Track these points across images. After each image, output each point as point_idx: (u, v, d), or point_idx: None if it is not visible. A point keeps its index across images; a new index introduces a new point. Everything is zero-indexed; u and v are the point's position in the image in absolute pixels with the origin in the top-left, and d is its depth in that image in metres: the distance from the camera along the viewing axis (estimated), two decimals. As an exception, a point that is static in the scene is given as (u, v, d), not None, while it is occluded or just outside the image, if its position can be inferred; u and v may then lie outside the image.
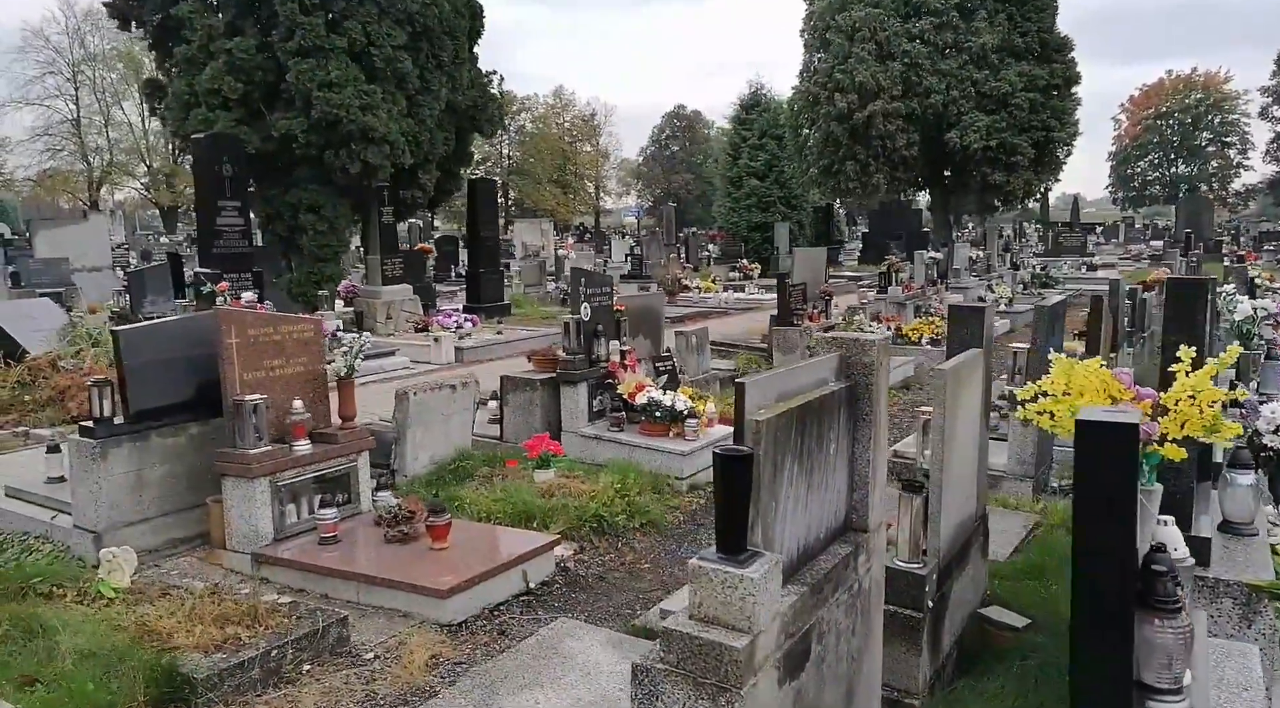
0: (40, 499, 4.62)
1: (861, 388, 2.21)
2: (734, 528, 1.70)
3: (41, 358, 8.02)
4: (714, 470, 1.72)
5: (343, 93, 11.75)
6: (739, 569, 1.66)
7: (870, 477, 2.25)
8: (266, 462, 4.29)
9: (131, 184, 46.47)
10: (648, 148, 59.29)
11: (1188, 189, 54.30)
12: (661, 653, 1.72)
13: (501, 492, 5.06)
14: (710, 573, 1.70)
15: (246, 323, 4.51)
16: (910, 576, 2.65)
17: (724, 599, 1.67)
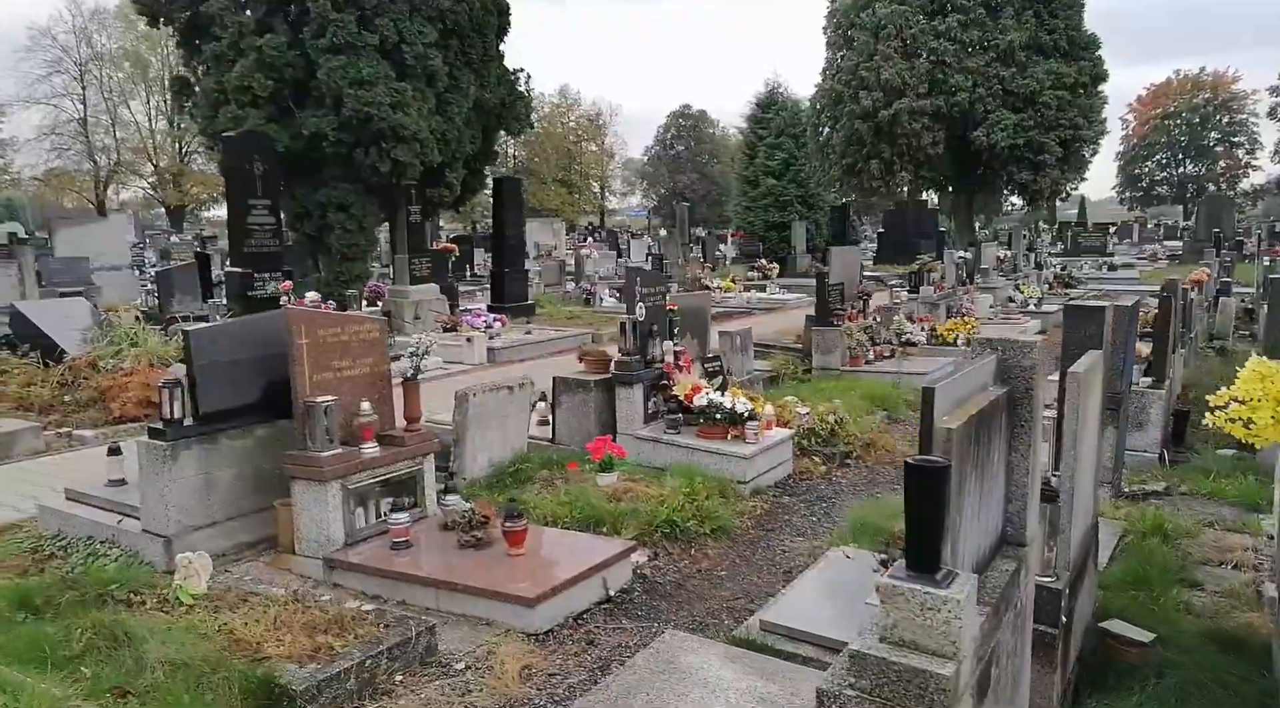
0: (103, 503, 4.57)
1: (1020, 393, 2.11)
2: (929, 544, 1.61)
3: (80, 358, 7.99)
4: (906, 482, 1.63)
5: (374, 90, 11.70)
6: (941, 590, 1.57)
7: (1029, 487, 2.16)
8: (338, 465, 4.23)
9: (138, 183, 46.65)
10: (653, 147, 59.27)
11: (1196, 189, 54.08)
12: (851, 678, 1.63)
13: (566, 495, 4.98)
14: (907, 594, 1.61)
15: (316, 323, 4.45)
16: (1047, 590, 2.55)
17: (924, 622, 1.58)
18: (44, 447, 6.62)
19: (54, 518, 4.61)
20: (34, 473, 5.93)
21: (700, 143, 58.92)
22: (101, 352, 7.96)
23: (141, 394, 7.37)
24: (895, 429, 7.42)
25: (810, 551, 4.60)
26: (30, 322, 8.88)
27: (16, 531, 4.76)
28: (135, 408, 7.31)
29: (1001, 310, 16.20)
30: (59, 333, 8.69)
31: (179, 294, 13.10)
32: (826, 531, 4.94)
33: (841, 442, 6.64)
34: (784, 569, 4.34)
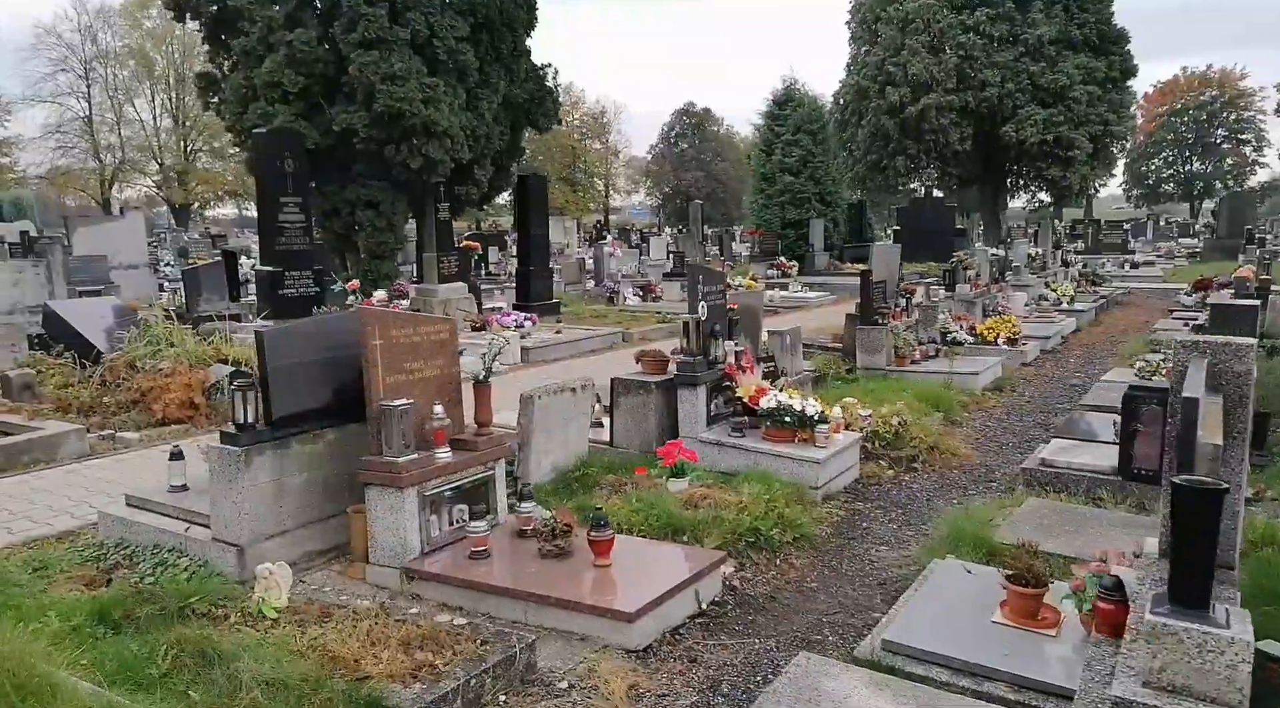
0: (168, 509, 4.43)
1: (1233, 400, 1.94)
2: (1199, 577, 1.44)
3: (118, 359, 7.87)
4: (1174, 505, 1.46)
5: (406, 86, 11.57)
6: (1224, 630, 1.41)
7: (1239, 503, 1.99)
8: (415, 471, 4.09)
9: (143, 182, 46.77)
10: (657, 145, 59.22)
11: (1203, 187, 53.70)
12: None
13: (639, 502, 4.83)
14: (1181, 634, 1.45)
15: (389, 324, 4.30)
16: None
17: (1201, 666, 1.42)
18: (88, 449, 6.50)
19: (116, 525, 4.48)
20: (82, 477, 5.81)
21: (704, 141, 58.85)
22: (139, 352, 7.84)
23: (183, 396, 7.25)
24: (955, 432, 7.24)
25: (900, 561, 4.44)
26: (64, 321, 8.78)
27: (75, 538, 4.64)
28: (178, 410, 7.20)
29: (1036, 309, 16.01)
30: (93, 333, 8.59)
31: (206, 293, 13.00)
32: (913, 540, 4.77)
33: (908, 445, 6.47)
34: (877, 581, 4.18)
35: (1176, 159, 54.96)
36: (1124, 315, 16.38)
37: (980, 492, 5.72)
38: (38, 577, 3.96)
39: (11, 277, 10.57)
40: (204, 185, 44.66)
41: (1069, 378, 10.27)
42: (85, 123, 42.77)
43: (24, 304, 10.65)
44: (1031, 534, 4.34)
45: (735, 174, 61.65)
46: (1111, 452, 5.65)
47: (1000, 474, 6.13)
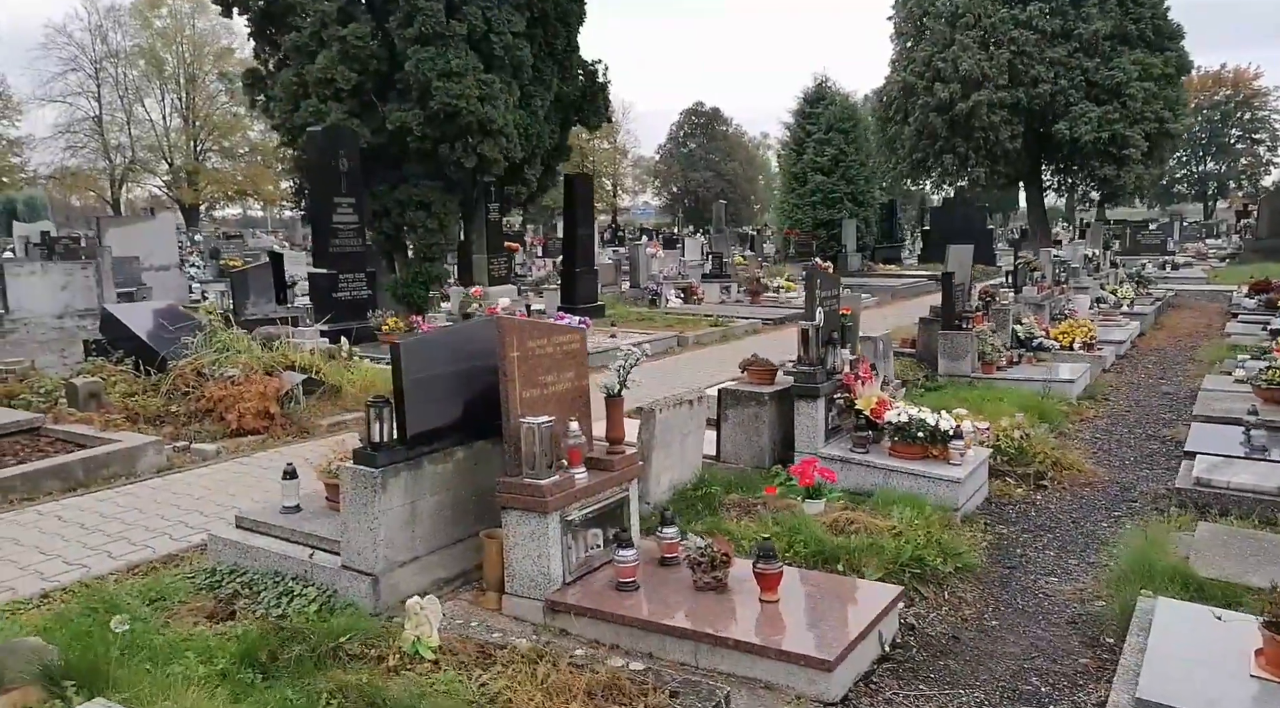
0: (286, 533, 4.17)
1: None
2: None
3: (186, 366, 7.65)
4: None
5: (462, 82, 11.32)
6: None
7: None
8: (560, 493, 3.81)
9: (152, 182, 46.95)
10: (665, 145, 59.09)
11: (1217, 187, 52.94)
12: None
13: (777, 525, 4.53)
14: None
15: (526, 334, 4.04)
16: None
17: None
18: (166, 462, 6.27)
19: (228, 549, 4.22)
20: (170, 493, 5.57)
21: (713, 141, 58.70)
22: (207, 359, 7.61)
23: (258, 405, 7.02)
24: (1067, 444, 6.90)
25: (1077, 595, 4.12)
26: (124, 325, 8.57)
27: (180, 563, 4.40)
28: (254, 420, 6.96)
29: (1100, 312, 15.61)
30: (154, 338, 8.38)
31: (254, 296, 12.83)
32: (1079, 569, 4.45)
33: (1033, 461, 6.14)
34: (1064, 619, 3.86)
35: (1190, 159, 54.36)
36: (1181, 318, 16.04)
37: (1124, 512, 5.39)
38: (156, 609, 3.71)
39: (60, 280, 10.40)
40: (213, 186, 44.74)
41: (1158, 385, 9.91)
42: (95, 122, 42.95)
43: (74, 308, 10.49)
44: (1228, 565, 4.02)
45: (744, 174, 61.51)
46: (1270, 471, 5.32)
47: (1138, 493, 5.79)
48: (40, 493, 5.50)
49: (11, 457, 6.13)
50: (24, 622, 3.62)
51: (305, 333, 10.17)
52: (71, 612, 3.58)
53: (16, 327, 9.98)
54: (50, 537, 4.70)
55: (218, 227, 44.81)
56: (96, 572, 4.23)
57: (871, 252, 30.72)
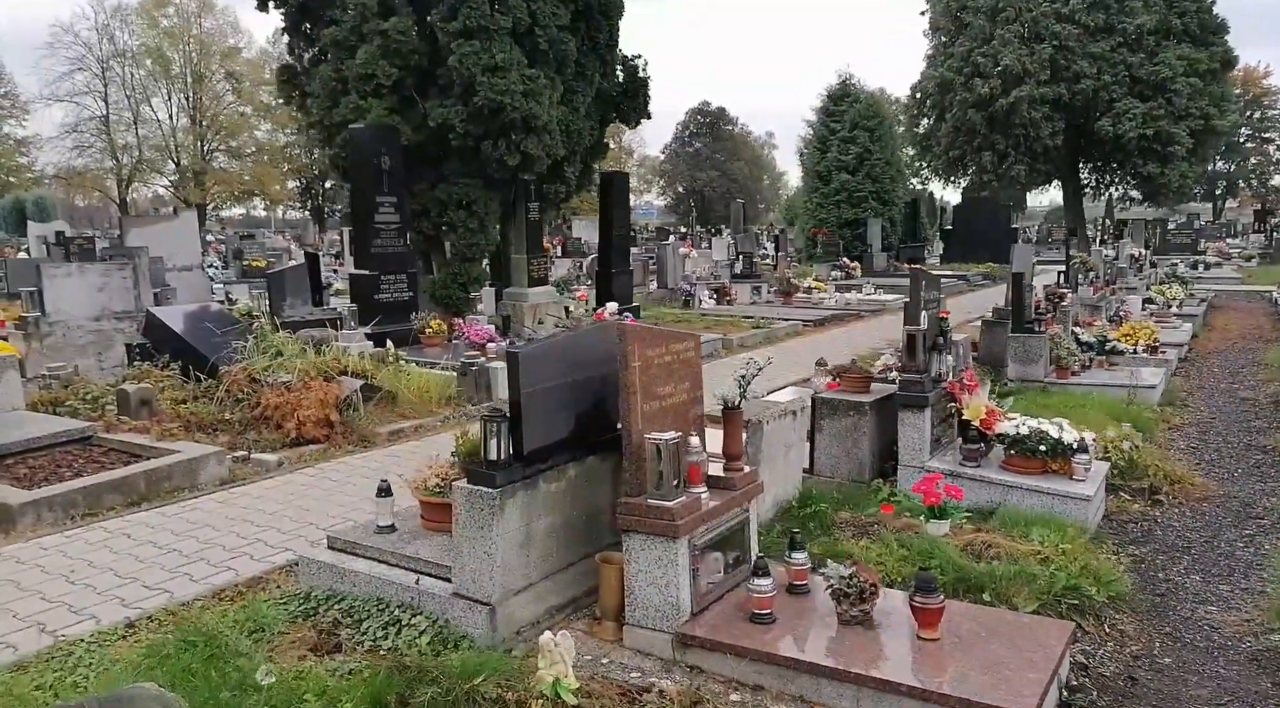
0: (384, 555, 3.90)
1: None
2: None
3: (239, 371, 7.39)
4: None
5: (507, 77, 11.05)
6: None
7: None
8: (689, 516, 3.53)
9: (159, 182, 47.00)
10: (671, 144, 58.84)
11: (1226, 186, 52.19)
12: None
13: (902, 548, 4.24)
14: None
15: (647, 342, 3.76)
16: None
17: None
18: (228, 474, 6.01)
19: (322, 572, 3.95)
20: (239, 508, 5.31)
21: (719, 140, 58.46)
22: (261, 364, 7.36)
23: (319, 413, 6.76)
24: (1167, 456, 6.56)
25: (1245, 627, 3.81)
26: (169, 329, 8.35)
27: (267, 586, 4.13)
28: (314, 428, 6.70)
29: (1153, 314, 15.24)
30: (202, 342, 8.14)
31: (290, 297, 12.59)
32: (1234, 596, 4.14)
33: (1146, 475, 5.82)
34: (1245, 656, 3.55)
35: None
36: (1228, 319, 15.73)
37: (1256, 531, 5.06)
38: (256, 641, 3.44)
39: (97, 281, 10.16)
40: (220, 185, 44.73)
41: (1233, 390, 9.58)
42: (102, 122, 42.98)
43: (111, 310, 10.24)
44: None
45: (750, 174, 61.23)
46: None
47: (1261, 508, 5.47)
48: (102, 508, 5.25)
49: (66, 468, 5.89)
50: (115, 656, 3.36)
51: (351, 336, 9.93)
52: (167, 645, 3.32)
53: (53, 329, 9.74)
54: (123, 558, 4.44)
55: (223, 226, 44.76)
56: (181, 597, 3.97)
57: (896, 251, 30.43)
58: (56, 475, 5.69)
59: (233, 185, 45.48)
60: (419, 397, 8.01)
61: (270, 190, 47.58)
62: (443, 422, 7.71)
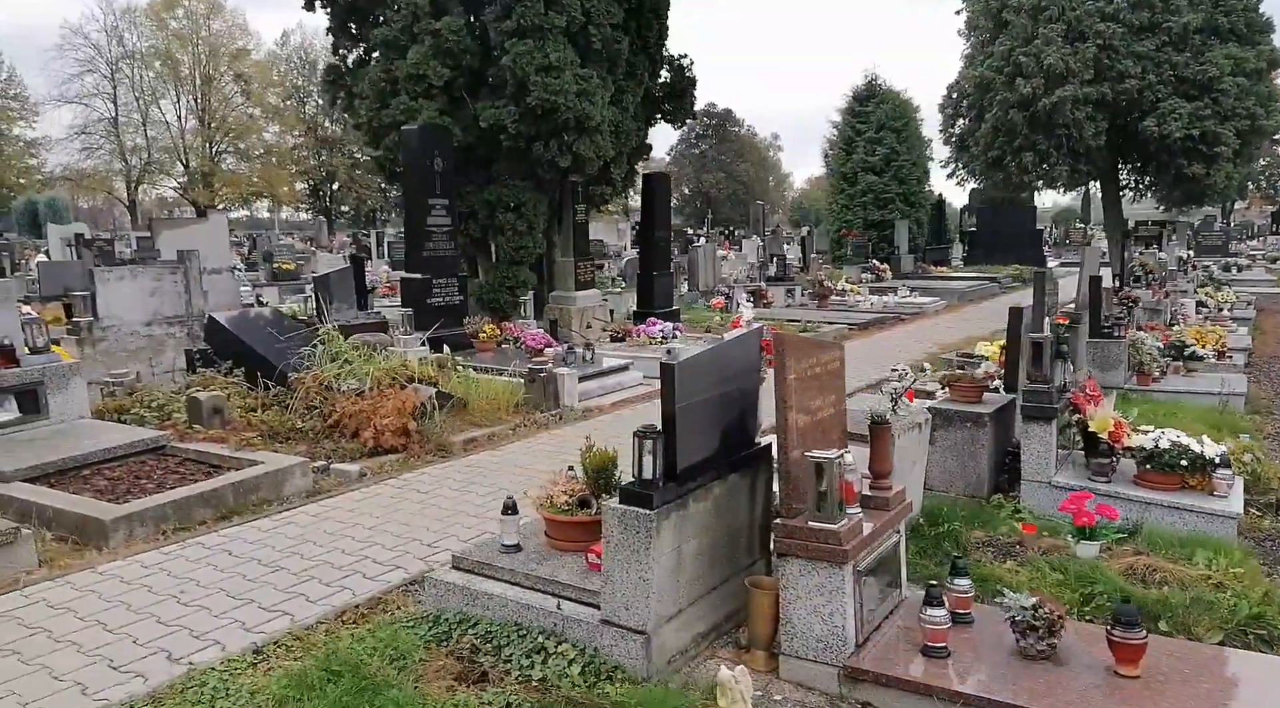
0: (518, 577, 3.70)
1: None
2: None
3: (308, 378, 7.23)
4: None
5: (561, 77, 10.87)
6: None
7: None
8: (854, 539, 3.32)
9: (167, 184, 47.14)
10: (676, 146, 58.71)
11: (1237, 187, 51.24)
12: None
13: (1055, 572, 4.02)
14: None
15: (800, 352, 3.56)
16: None
17: None
18: (312, 486, 5.84)
19: (452, 595, 3.76)
20: (336, 522, 5.13)
21: (725, 142, 58.28)
22: (332, 371, 7.19)
23: (396, 422, 6.58)
24: (1279, 469, 6.30)
25: None
26: (231, 334, 8.20)
27: (389, 607, 3.93)
28: (393, 437, 6.53)
29: (1207, 317, 14.94)
30: (267, 348, 7.99)
31: (337, 301, 12.45)
32: None
33: (1271, 489, 5.57)
34: None
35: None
36: (1276, 322, 15.43)
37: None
38: (399, 669, 3.25)
39: (150, 285, 10.04)
40: (228, 187, 44.82)
41: (1314, 396, 9.30)
42: (111, 124, 43.10)
43: (162, 315, 10.12)
44: None
45: (756, 176, 60.97)
46: None
47: (1401, 526, 5.21)
48: (193, 522, 5.08)
49: (146, 479, 5.73)
50: (252, 686, 3.18)
51: (408, 341, 9.77)
52: (309, 675, 3.13)
53: (106, 335, 9.62)
54: (230, 576, 4.26)
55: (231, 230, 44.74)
56: (302, 620, 3.79)
57: (923, 253, 30.18)
58: (139, 487, 5.53)
59: (241, 187, 45.58)
60: (490, 403, 7.83)
61: (279, 192, 47.66)
62: (513, 430, 7.53)
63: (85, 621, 3.78)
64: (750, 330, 3.88)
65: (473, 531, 4.94)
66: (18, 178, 40.55)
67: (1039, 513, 5.01)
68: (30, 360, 6.75)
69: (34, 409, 6.66)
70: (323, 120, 48.43)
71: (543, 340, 10.27)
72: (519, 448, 6.96)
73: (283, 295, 19.19)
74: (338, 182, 49.74)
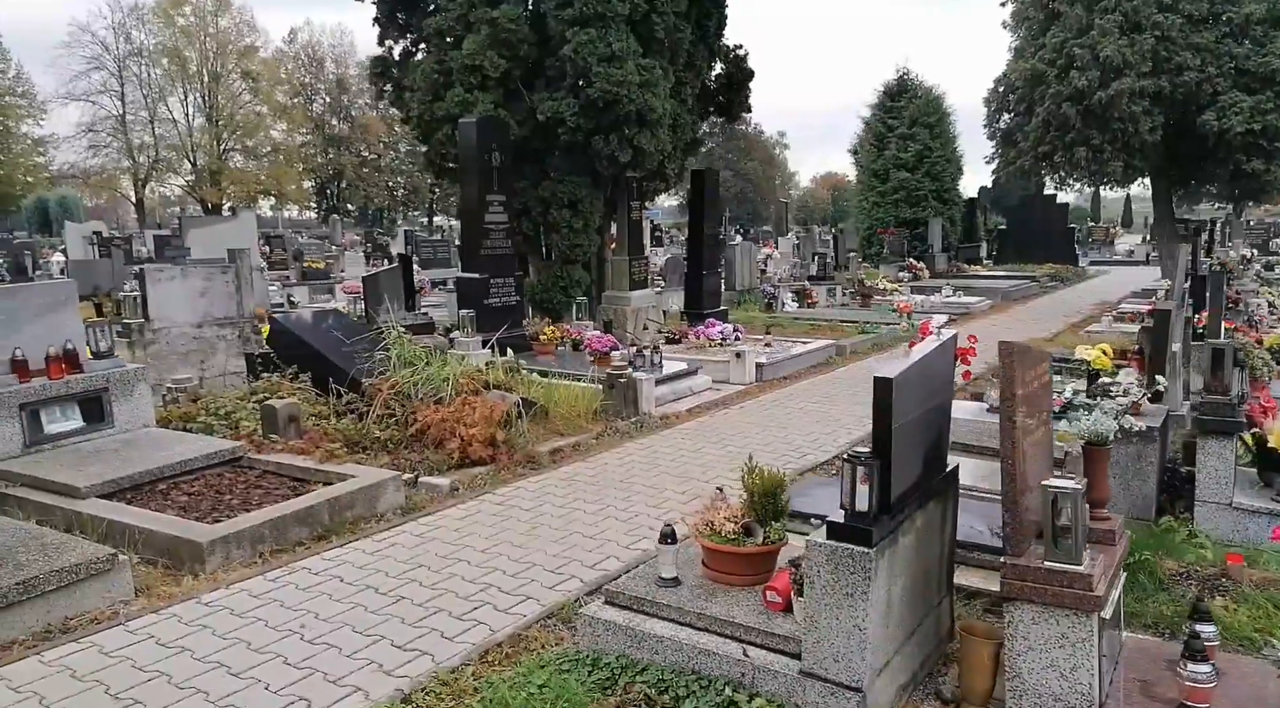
0: (686, 617, 3.31)
1: None
2: None
3: (382, 384, 6.87)
4: None
5: (624, 68, 10.48)
6: None
7: None
8: (1103, 584, 2.91)
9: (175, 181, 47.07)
10: None
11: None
12: None
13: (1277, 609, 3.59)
14: None
15: (1026, 363, 3.15)
16: None
17: None
18: (405, 501, 5.47)
19: (611, 635, 3.38)
20: (442, 544, 4.75)
21: (732, 140, 57.99)
22: (410, 378, 6.82)
23: (484, 432, 6.20)
24: None
25: None
26: (297, 338, 7.86)
27: (533, 646, 3.55)
28: (481, 448, 6.15)
29: (1280, 318, 14.37)
30: (335, 352, 7.63)
31: (386, 301, 12.11)
32: None
33: None
34: None
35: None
36: None
37: None
38: (576, 727, 2.86)
39: (200, 286, 9.70)
40: (236, 185, 44.71)
41: None
42: (118, 121, 43.01)
43: (212, 316, 9.78)
44: None
45: (764, 173, 60.56)
46: None
47: None
48: (289, 543, 4.71)
49: (228, 494, 5.37)
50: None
51: (469, 344, 9.42)
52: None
53: (156, 337, 9.28)
54: (350, 607, 3.89)
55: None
56: (444, 660, 3.41)
57: (955, 252, 29.71)
58: (223, 504, 5.17)
59: (249, 185, 45.49)
60: (568, 411, 7.45)
61: (287, 191, 47.56)
62: (596, 439, 7.15)
63: (204, 662, 3.41)
64: (947, 339, 3.47)
65: (594, 554, 4.56)
66: (25, 176, 40.50)
67: (1216, 537, 4.58)
68: (93, 365, 6.42)
69: (98, 418, 6.32)
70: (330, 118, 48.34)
71: (608, 343, 9.89)
72: (610, 460, 6.58)
73: (313, 295, 18.92)
74: (345, 180, 49.59)
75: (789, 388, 9.83)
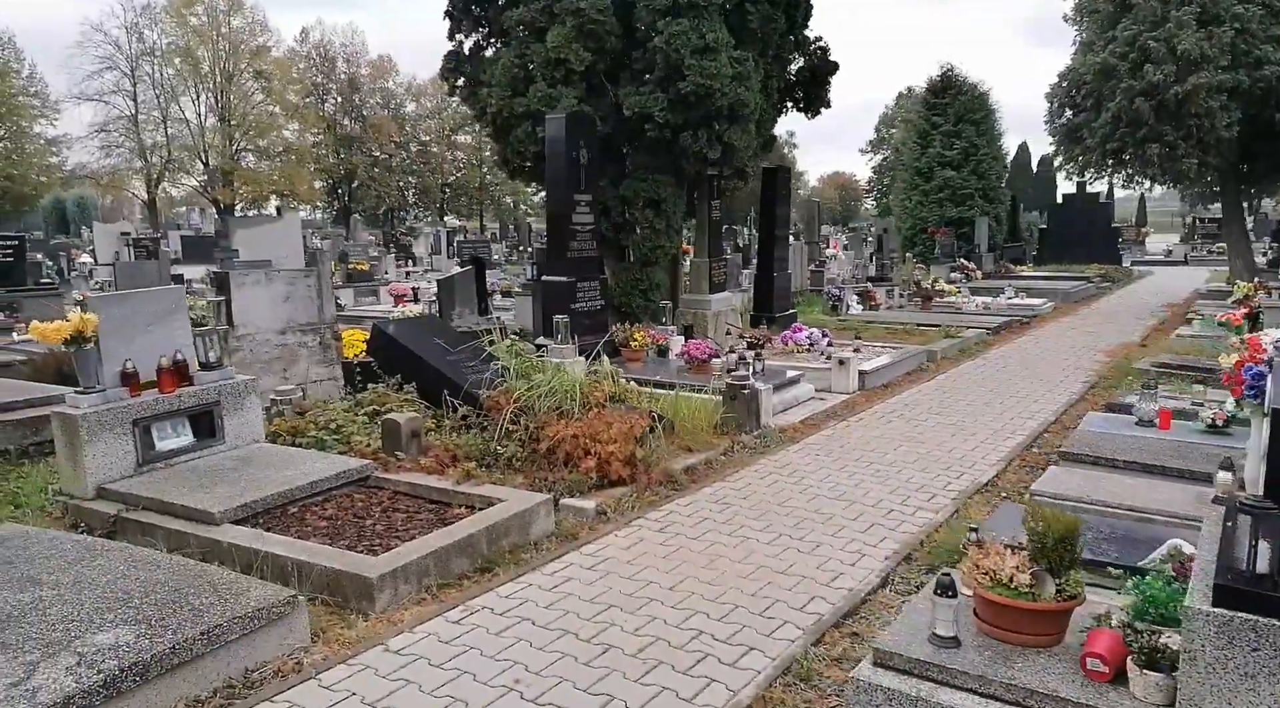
0: (993, 687, 2.86)
1: None
2: None
3: (501, 398, 6.46)
4: None
5: (717, 60, 10.04)
6: None
7: None
8: None
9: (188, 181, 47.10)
10: None
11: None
12: None
13: None
14: None
15: None
16: None
17: None
18: (555, 527, 5.06)
19: (892, 705, 2.94)
20: (618, 579, 4.33)
21: None
22: (529, 392, 6.41)
23: (624, 449, 5.78)
24: None
25: None
26: (401, 347, 7.49)
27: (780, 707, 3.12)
28: (620, 467, 5.73)
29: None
30: (442, 362, 7.26)
31: (459, 306, 11.76)
32: None
33: None
34: None
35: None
36: None
37: None
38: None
39: (283, 290, 9.35)
40: (248, 185, 44.63)
41: None
42: (131, 121, 43.05)
43: (296, 322, 9.42)
44: None
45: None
46: None
47: None
48: (452, 577, 4.31)
49: (368, 518, 4.99)
50: None
51: (564, 352, 9.00)
52: None
53: (241, 344, 8.95)
54: (556, 657, 3.47)
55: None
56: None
57: (1001, 251, 29.18)
58: (367, 530, 4.78)
59: (261, 185, 45.48)
60: (690, 424, 7.03)
61: (300, 191, 47.53)
62: (724, 455, 6.73)
63: (421, 728, 3.01)
64: None
65: (795, 594, 4.12)
66: (39, 176, 40.61)
67: None
68: (203, 377, 6.06)
69: (209, 433, 5.98)
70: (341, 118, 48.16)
71: (708, 349, 9.48)
72: (751, 479, 6.15)
73: (358, 298, 18.63)
74: (356, 180, 49.41)
75: (897, 397, 9.36)
